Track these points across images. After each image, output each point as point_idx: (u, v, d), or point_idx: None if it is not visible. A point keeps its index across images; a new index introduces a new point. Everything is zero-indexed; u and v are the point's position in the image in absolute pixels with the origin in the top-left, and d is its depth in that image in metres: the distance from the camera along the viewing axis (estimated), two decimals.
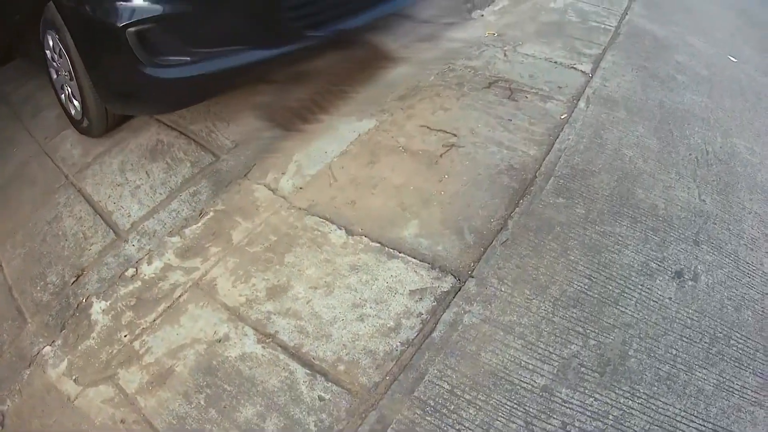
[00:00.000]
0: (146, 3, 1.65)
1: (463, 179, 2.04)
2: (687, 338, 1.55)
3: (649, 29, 3.84)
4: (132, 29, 1.65)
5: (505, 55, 2.86)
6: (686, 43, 3.83)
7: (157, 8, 1.67)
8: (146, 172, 2.18)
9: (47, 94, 2.55)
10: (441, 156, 2.15)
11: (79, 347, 1.59)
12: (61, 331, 1.66)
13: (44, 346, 1.63)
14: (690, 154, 2.34)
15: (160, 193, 2.07)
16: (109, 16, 1.64)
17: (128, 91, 1.86)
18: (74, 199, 2.12)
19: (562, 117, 2.39)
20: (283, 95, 2.49)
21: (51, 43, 2.06)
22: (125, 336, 1.59)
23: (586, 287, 1.65)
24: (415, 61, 2.74)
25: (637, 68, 3.01)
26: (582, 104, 2.49)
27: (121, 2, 1.65)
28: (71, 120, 2.33)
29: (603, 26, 3.64)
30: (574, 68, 2.82)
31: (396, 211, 1.93)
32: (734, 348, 1.55)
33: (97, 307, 1.70)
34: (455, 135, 2.24)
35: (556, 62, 2.85)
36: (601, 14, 3.93)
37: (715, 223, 1.98)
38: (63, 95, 2.27)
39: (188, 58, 1.79)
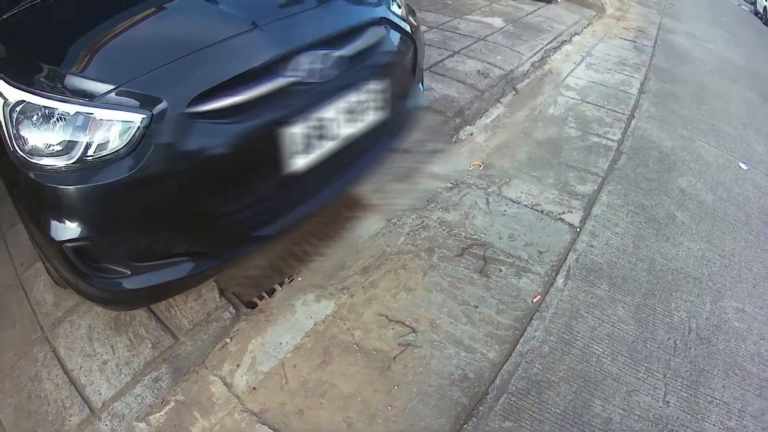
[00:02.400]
0: (79, 223, 1.69)
1: (413, 391, 2.03)
2: None
3: (656, 139, 3.78)
4: (69, 245, 1.70)
5: (487, 202, 2.83)
6: (695, 154, 3.75)
7: (90, 228, 1.71)
8: (111, 346, 2.25)
9: None
10: (395, 358, 2.14)
11: None
12: None
13: None
14: (668, 339, 2.30)
15: (125, 374, 2.15)
16: (48, 230, 1.70)
17: (72, 286, 1.93)
18: (50, 360, 2.20)
19: (535, 300, 2.37)
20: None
21: None
22: None
23: None
24: (386, 211, 2.73)
25: (634, 210, 2.93)
26: (560, 280, 2.45)
27: (56, 221, 1.70)
28: None
29: (605, 142, 3.58)
30: (562, 220, 2.78)
31: (341, 428, 1.94)
32: None
33: None
34: (414, 330, 2.23)
35: (542, 212, 2.81)
36: (604, 121, 3.88)
37: (673, 429, 1.97)
38: None
39: (128, 271, 1.83)
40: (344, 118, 2.03)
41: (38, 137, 1.54)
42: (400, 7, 2.52)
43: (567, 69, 4.87)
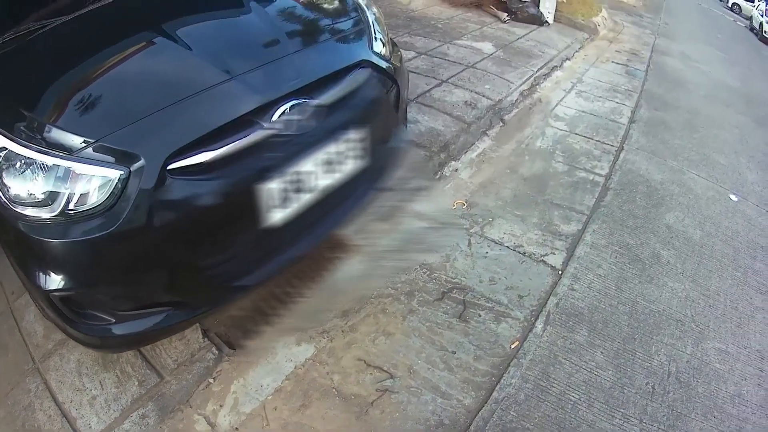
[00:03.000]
0: (64, 275, 1.75)
1: None
2: None
3: (644, 173, 3.84)
4: (55, 293, 1.76)
5: (469, 244, 2.88)
6: (684, 187, 3.78)
7: (75, 280, 1.77)
8: (100, 382, 2.30)
9: None
10: (372, 403, 2.18)
11: None
12: None
13: None
14: (647, 384, 2.33)
15: (114, 410, 2.20)
16: (35, 279, 1.76)
17: (60, 329, 1.99)
18: (42, 392, 2.24)
19: (513, 346, 2.41)
20: None
21: None
22: None
23: None
24: (368, 253, 2.78)
25: (618, 251, 2.96)
26: (539, 325, 2.49)
27: (42, 271, 1.76)
28: None
29: (592, 177, 3.64)
30: (544, 262, 2.83)
31: None
32: None
33: None
34: (391, 376, 2.27)
35: (524, 254, 2.86)
36: (593, 154, 3.94)
37: None
38: None
39: (113, 319, 1.89)
40: (322, 170, 2.07)
41: (20, 186, 1.58)
42: (384, 45, 2.53)
43: (557, 97, 4.94)
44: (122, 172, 1.56)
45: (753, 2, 24.52)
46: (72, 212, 1.56)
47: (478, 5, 7.29)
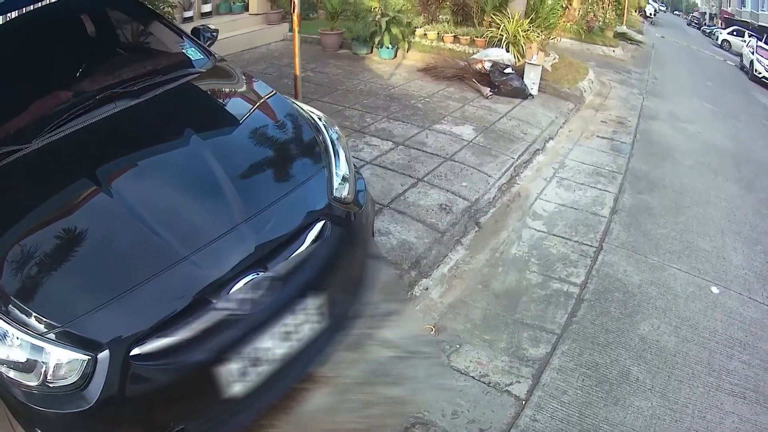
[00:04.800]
0: None
1: None
2: None
3: (622, 276, 3.93)
4: None
5: (434, 375, 3.03)
6: (663, 288, 3.83)
7: None
8: None
9: None
10: None
11: None
12: None
13: None
14: None
15: None
16: None
17: None
18: None
19: None
20: None
21: None
22: None
23: None
24: (336, 385, 2.89)
25: (586, 372, 2.96)
26: None
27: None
28: None
29: (566, 288, 3.76)
30: (508, 392, 2.90)
31: None
32: None
33: None
34: None
35: (489, 383, 2.95)
36: (569, 259, 4.08)
37: None
38: None
39: None
40: (280, 342, 2.19)
41: (3, 350, 1.78)
42: (345, 182, 2.59)
43: (537, 189, 5.11)
44: (89, 357, 1.74)
45: (743, 37, 25.09)
46: (51, 385, 1.76)
47: (461, 78, 7.58)
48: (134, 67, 3.06)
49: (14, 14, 3.60)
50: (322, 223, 2.35)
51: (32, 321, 1.77)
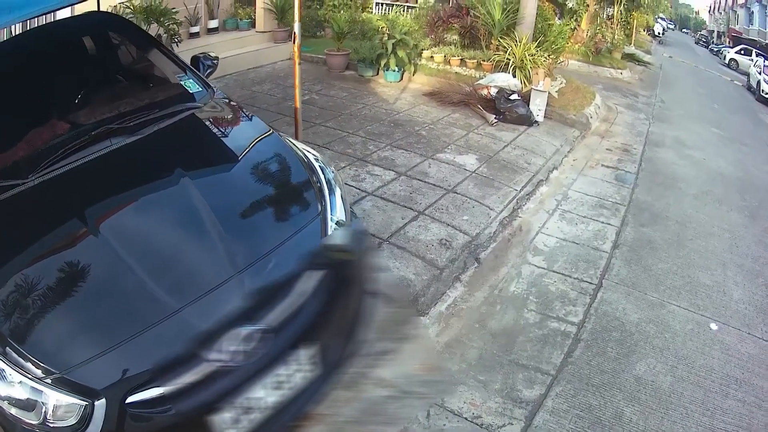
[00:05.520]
0: None
1: None
2: None
3: (620, 315, 3.96)
4: None
5: (428, 415, 3.02)
6: (661, 326, 3.86)
7: None
8: None
9: None
10: None
11: None
12: None
13: None
14: None
15: None
16: None
17: None
18: None
19: None
20: None
21: None
22: None
23: None
24: (330, 423, 2.96)
25: (579, 414, 2.99)
26: None
27: None
28: None
29: (563, 328, 3.82)
30: None
31: None
32: None
33: None
34: None
35: (482, 425, 2.94)
36: (568, 297, 4.13)
37: None
38: None
39: None
40: (272, 391, 2.23)
41: (3, 387, 1.87)
42: (339, 225, 2.66)
43: (539, 222, 5.18)
44: (86, 403, 1.83)
45: (750, 56, 25.13)
46: (51, 425, 1.84)
47: (466, 104, 7.69)
48: (131, 100, 3.13)
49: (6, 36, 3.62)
50: (315, 272, 2.40)
51: (29, 365, 1.86)
